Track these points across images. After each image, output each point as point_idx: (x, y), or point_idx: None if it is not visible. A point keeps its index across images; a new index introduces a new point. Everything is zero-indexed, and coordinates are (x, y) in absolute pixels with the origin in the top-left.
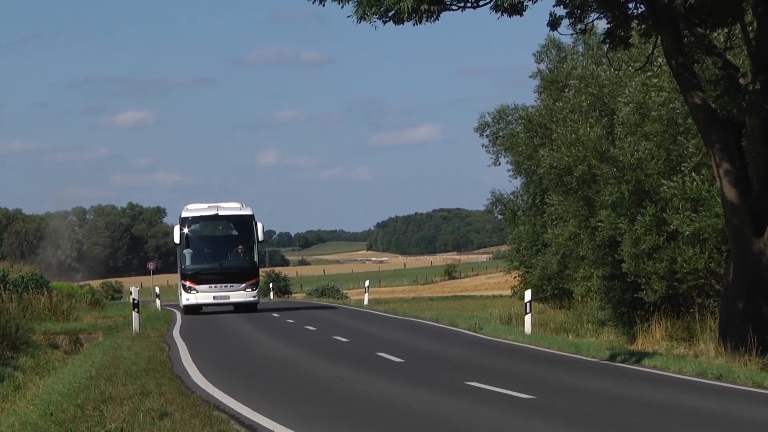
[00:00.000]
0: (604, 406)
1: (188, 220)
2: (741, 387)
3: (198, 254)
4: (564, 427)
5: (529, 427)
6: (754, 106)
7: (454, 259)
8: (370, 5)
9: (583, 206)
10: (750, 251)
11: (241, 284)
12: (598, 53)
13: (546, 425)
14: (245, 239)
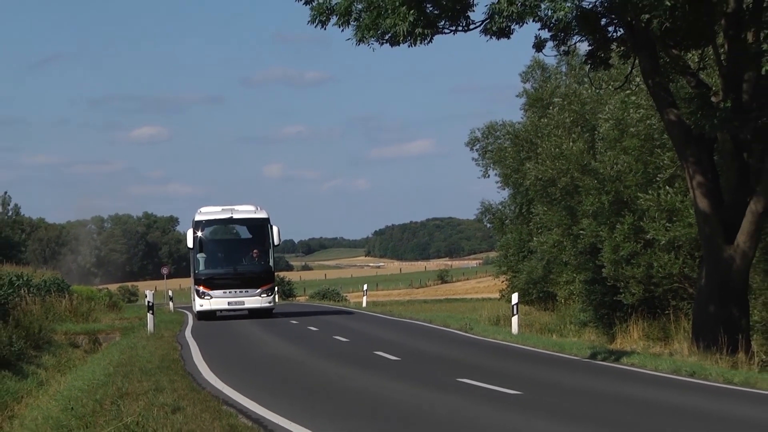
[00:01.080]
0: (585, 401)
1: (202, 223)
2: (713, 383)
3: (212, 258)
4: (549, 421)
5: (515, 420)
6: (725, 122)
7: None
8: (368, 29)
9: (566, 215)
10: (721, 258)
11: (256, 289)
12: (580, 73)
13: (532, 419)
14: (260, 243)
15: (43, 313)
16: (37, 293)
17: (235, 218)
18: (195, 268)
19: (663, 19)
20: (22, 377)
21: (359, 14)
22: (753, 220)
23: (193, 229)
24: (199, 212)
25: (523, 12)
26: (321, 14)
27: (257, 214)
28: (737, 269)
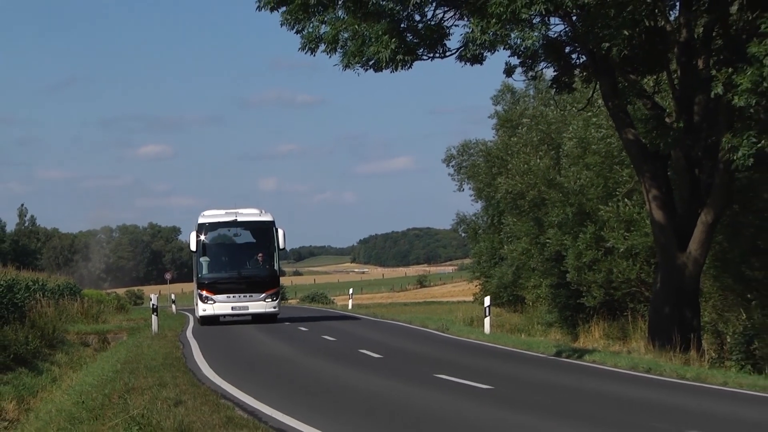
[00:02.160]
0: (551, 394)
1: (205, 226)
2: (667, 378)
3: (215, 262)
4: (518, 412)
5: (488, 412)
6: (678, 141)
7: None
8: (353, 56)
9: (534, 226)
10: (675, 264)
11: (260, 294)
12: (546, 96)
13: (502, 411)
14: (265, 246)
15: (56, 314)
16: (51, 297)
17: (239, 221)
18: (198, 271)
19: (621, 47)
20: (38, 374)
21: (345, 42)
22: (704, 229)
23: (197, 232)
24: (203, 215)
25: (495, 41)
26: (311, 42)
27: (262, 216)
28: (689, 274)
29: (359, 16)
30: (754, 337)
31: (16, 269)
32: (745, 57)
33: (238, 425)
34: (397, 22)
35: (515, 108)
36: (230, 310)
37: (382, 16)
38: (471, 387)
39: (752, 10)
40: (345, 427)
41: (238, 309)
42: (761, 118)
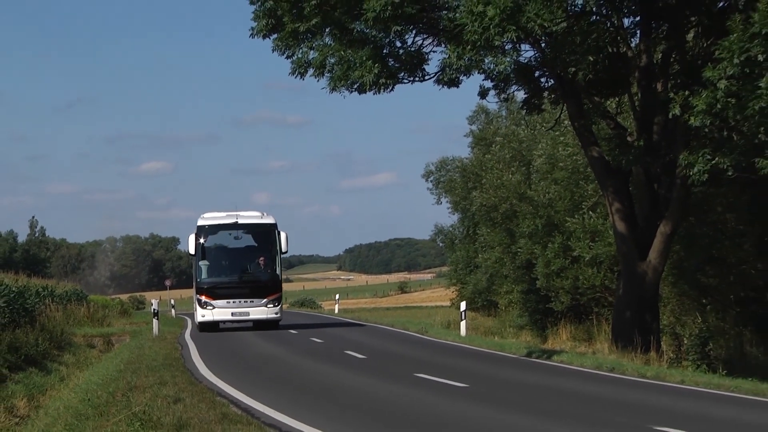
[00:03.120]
0: (523, 392)
1: (205, 228)
2: (629, 377)
3: (215, 266)
4: (491, 409)
5: (463, 408)
6: (639, 158)
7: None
8: (339, 79)
9: (506, 236)
10: (636, 272)
11: (262, 299)
12: (517, 116)
13: (477, 407)
14: (267, 250)
15: (64, 318)
16: (59, 302)
17: (240, 223)
18: (197, 276)
19: (586, 71)
20: (47, 373)
21: (332, 67)
22: (662, 240)
23: (196, 234)
24: (202, 217)
25: (470, 65)
26: (300, 67)
27: (264, 219)
28: (649, 281)
29: (345, 42)
30: (709, 339)
31: (27, 277)
32: (700, 81)
33: (232, 421)
34: (379, 48)
35: (489, 127)
36: (230, 316)
37: (365, 42)
38: (448, 385)
39: (707, 38)
40: (330, 422)
41: (238, 315)
42: (715, 137)
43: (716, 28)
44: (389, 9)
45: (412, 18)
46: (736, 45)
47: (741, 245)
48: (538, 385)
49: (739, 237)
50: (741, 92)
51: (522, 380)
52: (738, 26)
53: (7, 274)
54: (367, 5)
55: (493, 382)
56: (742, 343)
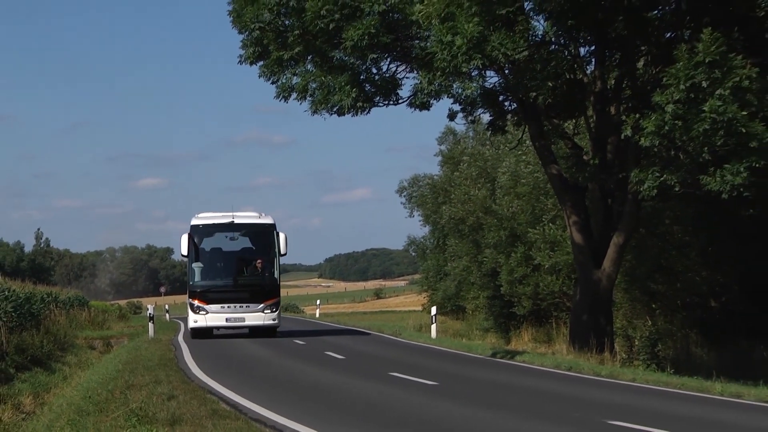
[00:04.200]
0: (488, 389)
1: (199, 228)
2: (585, 376)
3: (209, 268)
4: (459, 404)
5: (434, 404)
6: (594, 175)
7: (381, 284)
8: (320, 103)
9: (473, 246)
10: (591, 279)
11: (258, 304)
12: (483, 137)
13: (447, 403)
14: (265, 252)
15: (67, 322)
16: (63, 307)
17: (236, 223)
18: (190, 278)
19: (546, 96)
20: (51, 373)
21: (313, 92)
22: (615, 250)
23: (189, 234)
24: (196, 217)
25: (440, 90)
26: (284, 91)
27: (262, 219)
28: (604, 288)
29: (325, 69)
30: (658, 341)
31: (33, 284)
32: (650, 105)
33: (222, 416)
34: (357, 74)
35: (457, 147)
36: (224, 322)
37: (344, 69)
38: (420, 383)
39: (656, 66)
40: (311, 417)
41: (233, 321)
42: (663, 156)
43: (664, 56)
44: (366, 38)
45: (386, 47)
46: (682, 72)
47: (687, 255)
48: (503, 383)
49: (685, 247)
50: (687, 115)
51: (488, 379)
52: (684, 55)
53: (15, 282)
54: (346, 35)
55: (462, 380)
56: (688, 344)
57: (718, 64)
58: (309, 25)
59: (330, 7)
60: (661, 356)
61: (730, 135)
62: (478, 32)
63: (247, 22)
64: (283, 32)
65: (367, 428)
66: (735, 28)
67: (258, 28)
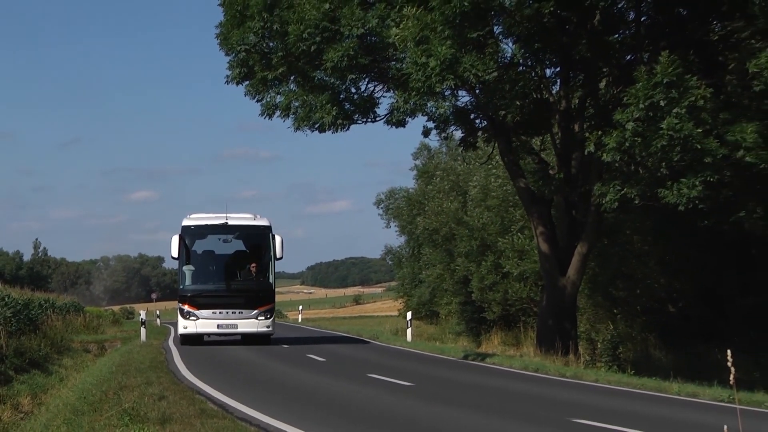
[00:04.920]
0: (461, 390)
1: (190, 229)
2: (551, 377)
3: (200, 272)
4: (434, 404)
5: (410, 404)
6: (559, 188)
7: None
8: (302, 120)
9: (446, 255)
10: (557, 286)
11: (252, 310)
12: (455, 153)
13: (421, 403)
14: (259, 255)
15: (63, 327)
16: (59, 313)
17: (230, 225)
18: (180, 282)
19: (514, 114)
20: (48, 375)
21: (296, 110)
22: (579, 258)
23: (180, 236)
24: (188, 217)
25: (415, 109)
26: (268, 109)
27: (257, 221)
28: (568, 294)
29: (307, 89)
30: (619, 344)
31: (31, 291)
32: (611, 122)
33: (209, 415)
34: (337, 93)
35: (431, 162)
36: (216, 329)
37: (325, 89)
38: (396, 384)
39: (617, 86)
40: (293, 416)
41: (225, 327)
42: (624, 171)
43: (624, 77)
44: (345, 60)
45: (364, 68)
46: (642, 92)
47: (646, 263)
48: (474, 383)
49: (644, 256)
50: (646, 132)
51: (460, 380)
52: (643, 76)
53: (14, 289)
54: (327, 57)
55: (436, 381)
56: (647, 347)
57: (675, 85)
58: (292, 47)
59: (311, 31)
60: (622, 358)
61: (686, 151)
62: (450, 54)
63: (234, 44)
64: (268, 54)
65: (347, 427)
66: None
67: (244, 50)
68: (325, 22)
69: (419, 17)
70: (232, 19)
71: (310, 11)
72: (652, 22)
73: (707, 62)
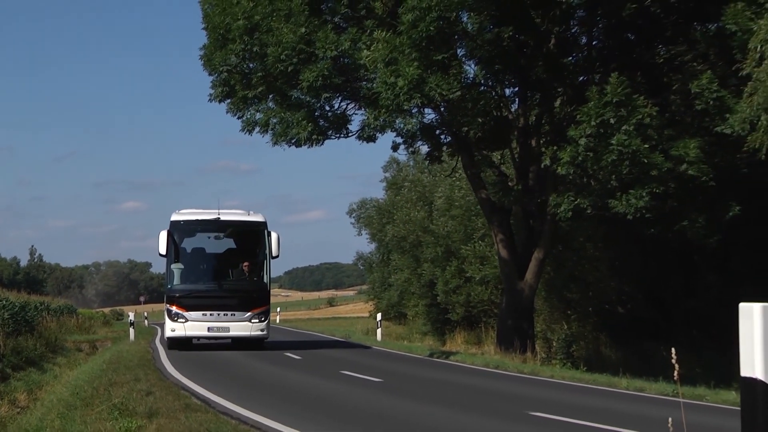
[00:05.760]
0: (426, 385)
1: (180, 225)
2: (510, 373)
3: (190, 270)
4: (402, 399)
5: (379, 399)
6: (518, 199)
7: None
8: (280, 135)
9: (413, 261)
10: (516, 289)
11: (245, 312)
12: (422, 166)
13: (390, 398)
14: (253, 253)
15: (58, 327)
16: (54, 314)
17: (223, 220)
18: (168, 281)
19: (476, 130)
20: (43, 372)
21: (274, 126)
22: (536, 263)
23: (168, 231)
24: (178, 212)
25: (384, 125)
26: (248, 125)
27: (251, 216)
28: (526, 296)
29: (284, 106)
30: (573, 342)
31: (27, 294)
32: (565, 138)
33: (193, 409)
34: (312, 111)
35: (399, 174)
36: (206, 332)
37: (301, 106)
38: (367, 380)
39: (570, 105)
40: (271, 410)
41: (216, 330)
42: (577, 183)
43: (578, 97)
44: (320, 80)
45: (338, 87)
46: (593, 111)
47: (598, 268)
48: (439, 379)
49: (596, 261)
50: (597, 148)
51: (426, 376)
52: (594, 96)
53: (11, 292)
54: (303, 77)
55: (403, 377)
56: (599, 345)
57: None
58: (270, 68)
59: (288, 53)
60: (576, 356)
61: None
62: (417, 75)
63: (216, 65)
64: (248, 74)
65: (321, 419)
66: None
67: (226, 70)
68: (302, 45)
69: (388, 40)
70: (215, 42)
71: (287, 35)
72: (602, 46)
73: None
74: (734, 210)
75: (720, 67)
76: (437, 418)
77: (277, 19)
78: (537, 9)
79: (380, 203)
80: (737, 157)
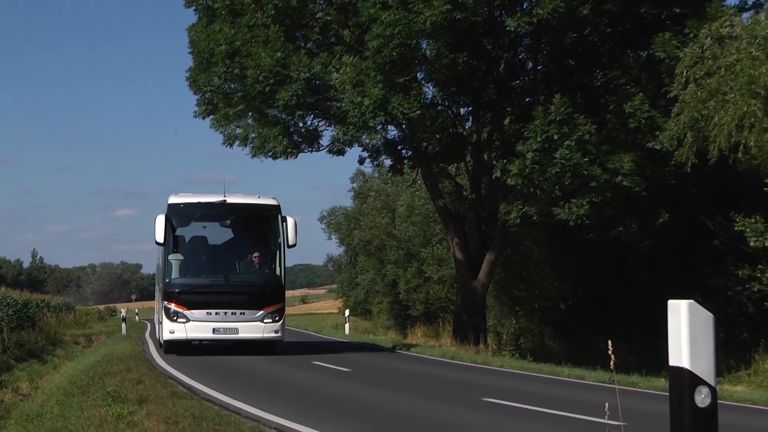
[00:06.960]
0: (390, 374)
1: (179, 208)
2: (465, 363)
3: (192, 262)
4: (368, 386)
5: (348, 386)
6: (472, 207)
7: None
8: (258, 149)
9: (378, 262)
10: (470, 287)
11: (257, 311)
12: (386, 177)
13: (358, 385)
14: (265, 242)
15: (57, 323)
16: (53, 311)
17: (229, 203)
18: (165, 275)
19: (434, 146)
20: (44, 363)
21: (252, 140)
22: (488, 265)
23: (166, 216)
24: (176, 195)
25: (352, 140)
26: (229, 139)
27: (263, 200)
28: (479, 294)
29: (262, 123)
30: (520, 335)
31: (29, 293)
32: (514, 152)
33: (179, 396)
34: (287, 127)
35: (365, 185)
36: (210, 333)
37: (277, 123)
38: (336, 370)
39: (518, 123)
40: (250, 397)
41: (222, 332)
42: (525, 193)
43: (525, 115)
44: (294, 99)
45: (310, 106)
46: (539, 128)
47: (542, 269)
48: (401, 369)
49: (541, 263)
50: (542, 161)
51: (390, 366)
52: (540, 115)
53: (15, 291)
54: (279, 96)
55: (369, 367)
56: (544, 338)
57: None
58: (249, 88)
59: (266, 75)
60: (523, 347)
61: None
62: (381, 95)
63: (201, 86)
64: (229, 94)
65: (293, 405)
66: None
67: (209, 90)
68: (278, 68)
69: (356, 64)
70: (199, 65)
71: (265, 59)
72: (546, 71)
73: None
74: (663, 217)
75: (650, 90)
76: (400, 403)
77: (255, 44)
78: (488, 37)
79: (348, 211)
80: (666, 170)
